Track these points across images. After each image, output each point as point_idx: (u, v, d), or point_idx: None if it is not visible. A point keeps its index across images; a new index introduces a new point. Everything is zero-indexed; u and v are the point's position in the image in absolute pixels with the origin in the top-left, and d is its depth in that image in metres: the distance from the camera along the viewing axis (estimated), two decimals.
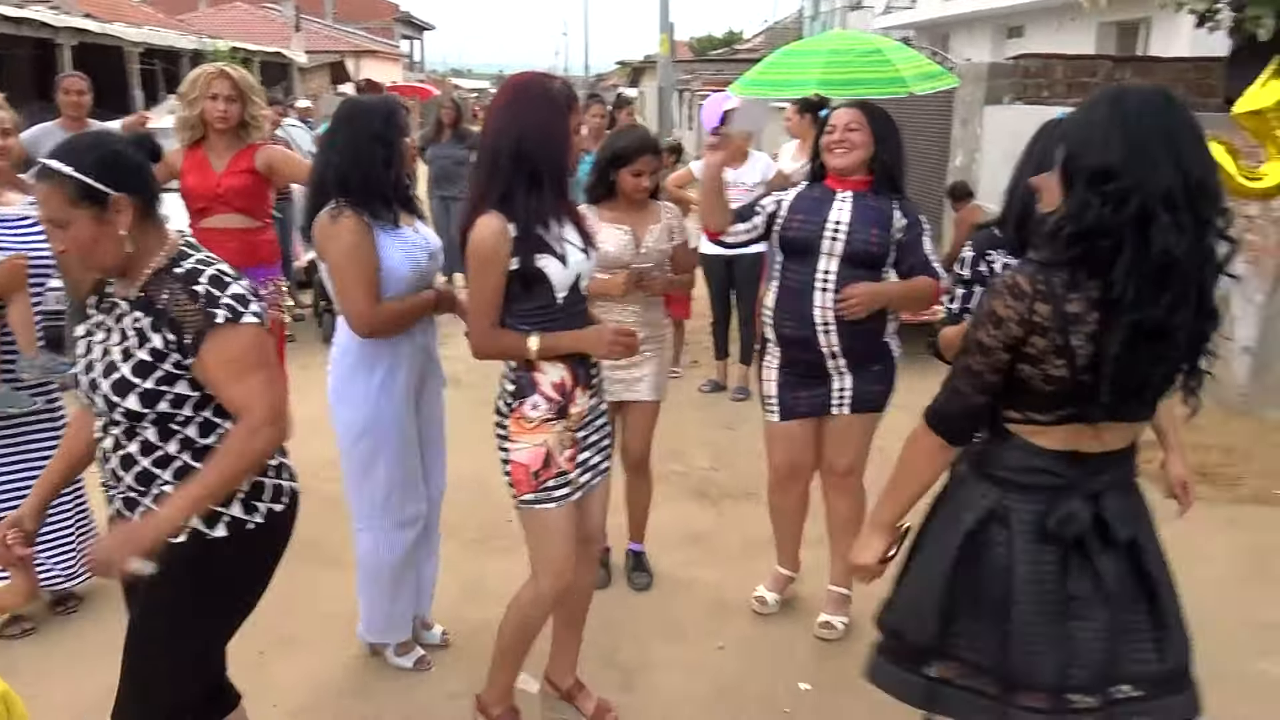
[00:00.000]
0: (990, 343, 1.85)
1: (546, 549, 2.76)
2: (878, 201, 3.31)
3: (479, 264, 2.58)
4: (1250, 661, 3.41)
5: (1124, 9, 14.03)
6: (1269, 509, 4.70)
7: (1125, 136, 1.75)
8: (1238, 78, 6.20)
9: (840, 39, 8.99)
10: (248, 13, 33.80)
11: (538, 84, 2.64)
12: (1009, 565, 1.91)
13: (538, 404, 2.67)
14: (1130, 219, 1.73)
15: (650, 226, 3.62)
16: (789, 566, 3.80)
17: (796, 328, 3.31)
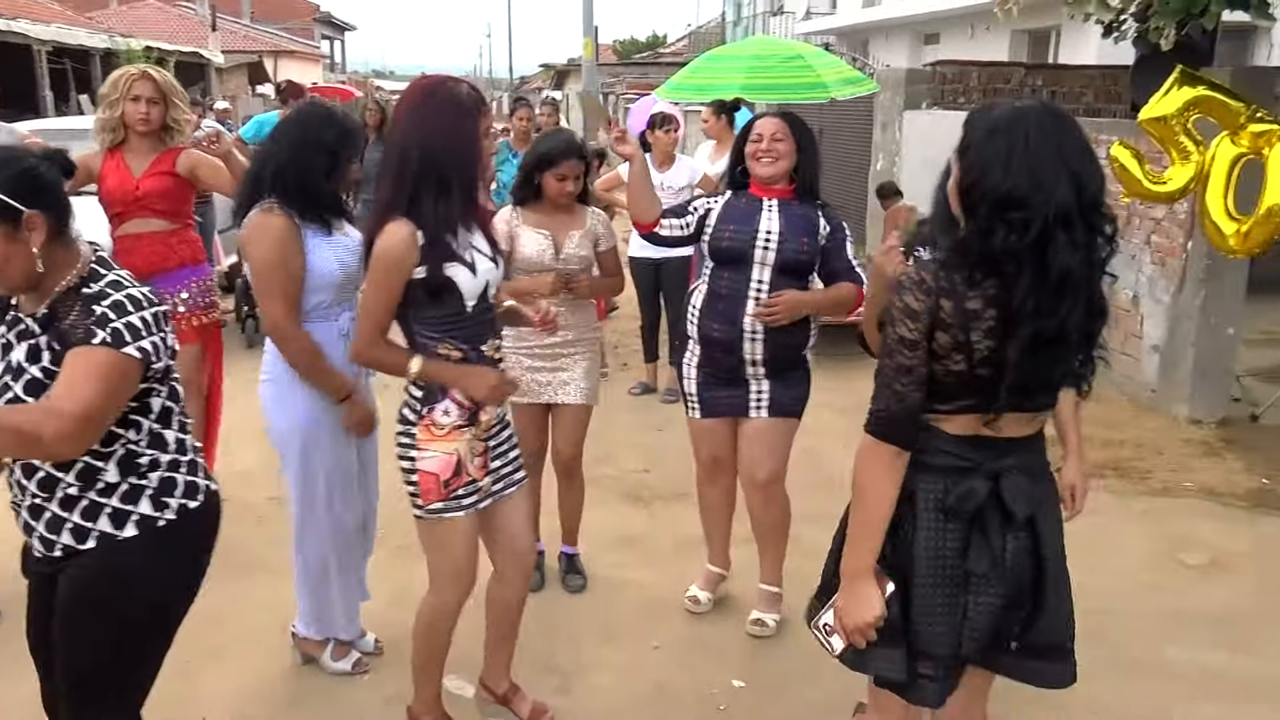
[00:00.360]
0: (915, 336, 1.91)
1: (449, 558, 2.73)
2: (803, 209, 3.38)
3: (382, 270, 2.53)
4: (1160, 649, 3.56)
5: (1035, 18, 14.44)
6: (1177, 500, 4.89)
7: (1024, 164, 1.83)
8: (1142, 85, 6.45)
9: (762, 45, 9.12)
10: (160, 11, 32.98)
11: (445, 88, 2.60)
12: (911, 540, 2.01)
13: (449, 410, 2.62)
14: (1031, 243, 1.82)
15: (572, 232, 3.62)
16: (720, 565, 3.85)
17: (724, 332, 3.35)
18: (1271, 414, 5.83)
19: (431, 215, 2.51)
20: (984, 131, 1.91)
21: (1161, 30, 6.03)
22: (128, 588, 2.09)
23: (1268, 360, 6.86)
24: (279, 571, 4.02)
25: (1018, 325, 1.85)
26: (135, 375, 1.98)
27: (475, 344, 2.65)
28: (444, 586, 2.76)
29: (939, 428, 2.00)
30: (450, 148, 2.52)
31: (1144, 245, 6.15)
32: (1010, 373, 1.87)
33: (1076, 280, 1.85)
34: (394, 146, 2.59)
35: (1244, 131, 4.71)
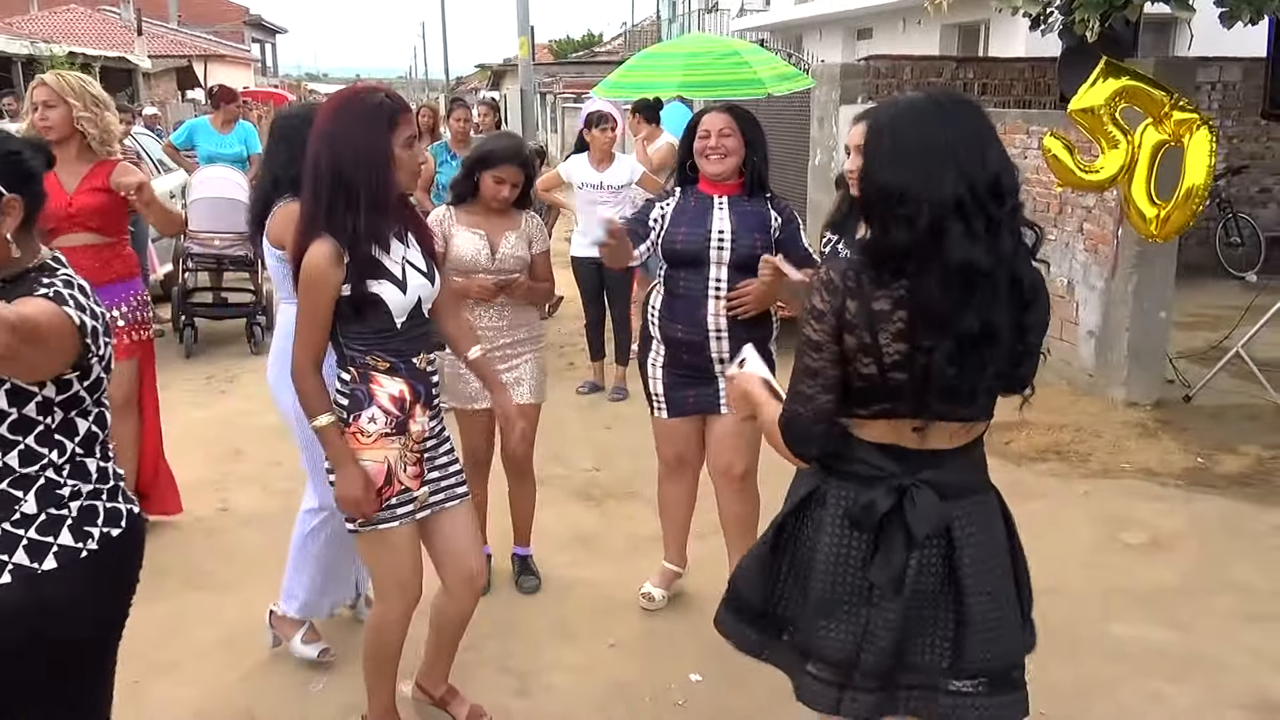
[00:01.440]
0: (820, 337, 1.88)
1: (390, 569, 2.69)
2: (753, 204, 3.39)
3: (306, 289, 2.50)
4: (1105, 626, 3.65)
5: (965, 12, 14.67)
6: (1116, 481, 5.01)
7: (906, 157, 1.80)
8: (1069, 77, 6.59)
9: (698, 42, 9.19)
10: (84, 15, 32.20)
11: (356, 99, 2.54)
12: (814, 543, 2.00)
13: (375, 417, 2.56)
14: (924, 236, 1.77)
15: (508, 233, 3.61)
16: (676, 562, 3.86)
17: (689, 333, 3.36)
18: (1204, 395, 6.00)
19: (348, 230, 2.45)
20: (873, 128, 1.90)
21: (1086, 23, 6.16)
22: (50, 626, 1.96)
23: (1199, 341, 7.05)
24: (229, 584, 3.98)
25: (936, 328, 1.79)
26: (70, 342, 1.85)
27: (405, 357, 2.61)
28: (390, 597, 2.73)
29: (856, 434, 1.96)
30: (358, 160, 2.45)
31: (1077, 233, 6.29)
32: (937, 377, 1.81)
33: (982, 271, 1.78)
34: (308, 162, 2.53)
35: (1167, 120, 4.85)
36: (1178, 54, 11.72)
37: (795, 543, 2.07)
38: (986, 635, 1.95)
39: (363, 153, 2.46)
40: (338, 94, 2.65)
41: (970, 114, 1.86)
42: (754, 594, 2.14)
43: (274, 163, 3.27)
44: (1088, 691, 3.28)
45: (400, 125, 2.49)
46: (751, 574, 2.15)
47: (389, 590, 2.73)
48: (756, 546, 2.18)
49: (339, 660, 3.43)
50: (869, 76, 10.34)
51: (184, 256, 7.59)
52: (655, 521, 4.51)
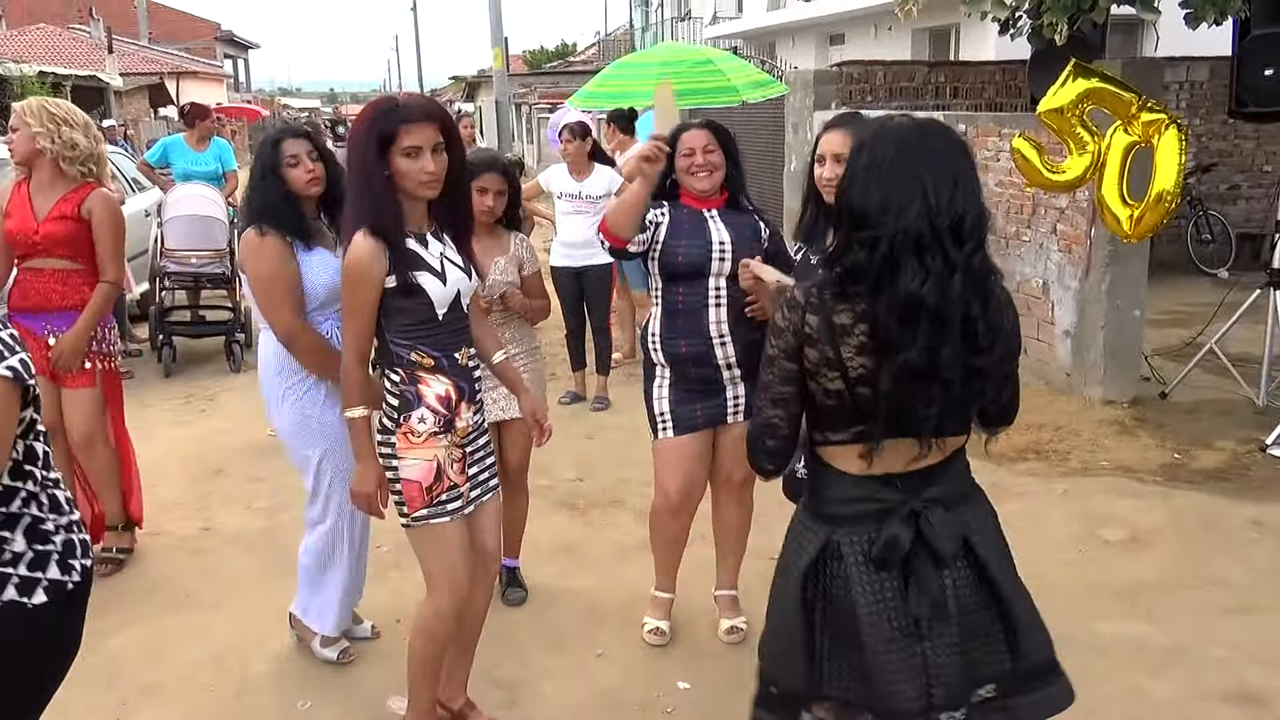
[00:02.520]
0: (774, 353, 1.89)
1: (443, 564, 2.76)
2: (742, 217, 3.44)
3: (351, 283, 2.62)
4: (1086, 622, 3.68)
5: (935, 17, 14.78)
6: (1096, 479, 5.06)
7: (878, 182, 1.80)
8: (1039, 79, 6.67)
9: (672, 51, 9.24)
10: (54, 34, 31.92)
11: (368, 109, 2.68)
12: (849, 599, 1.89)
13: (425, 417, 2.68)
14: (880, 262, 1.78)
15: (496, 258, 3.63)
16: (668, 589, 3.76)
17: (692, 345, 3.35)
18: (1180, 391, 6.07)
19: (389, 225, 2.59)
20: (855, 145, 1.91)
21: (1054, 25, 6.23)
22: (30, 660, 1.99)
23: (1173, 339, 7.13)
24: (214, 605, 3.96)
25: (886, 354, 1.80)
26: (15, 397, 1.86)
27: (448, 351, 2.71)
28: (441, 592, 2.78)
29: (847, 471, 1.92)
30: (359, 166, 2.61)
31: (1050, 234, 6.36)
32: (883, 399, 1.81)
33: (927, 308, 1.77)
34: (350, 164, 2.70)
35: (1136, 121, 4.91)
36: (1145, 55, 11.87)
37: (826, 611, 1.94)
38: (1033, 626, 1.99)
39: (357, 161, 2.62)
40: (372, 102, 2.79)
41: (952, 150, 1.85)
42: (798, 681, 1.98)
43: (250, 183, 3.42)
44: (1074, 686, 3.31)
45: (400, 136, 2.57)
46: (788, 660, 1.98)
47: (441, 583, 2.78)
48: (780, 629, 2.01)
49: (323, 681, 3.42)
50: (842, 82, 10.41)
51: (161, 275, 7.55)
52: (640, 530, 4.51)
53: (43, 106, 3.98)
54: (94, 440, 4.15)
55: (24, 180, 4.05)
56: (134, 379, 7.28)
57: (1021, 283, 6.61)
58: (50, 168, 3.98)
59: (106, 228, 4.04)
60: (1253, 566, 4.11)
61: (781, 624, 2.00)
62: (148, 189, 9.22)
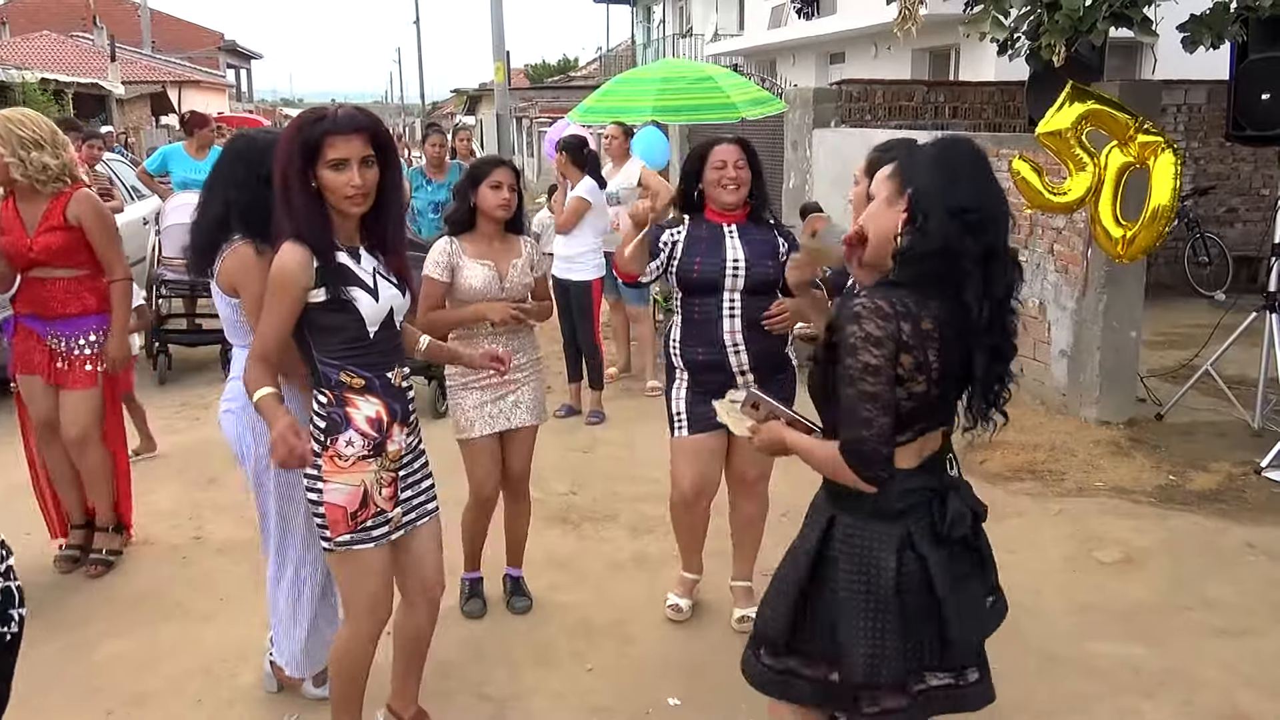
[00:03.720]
0: (879, 362, 1.96)
1: (363, 589, 2.69)
2: (760, 232, 3.53)
3: (275, 289, 2.51)
4: (1080, 643, 3.67)
5: (935, 38, 14.88)
6: (1089, 499, 5.05)
7: (973, 179, 2.01)
8: (1037, 100, 6.68)
9: (671, 67, 9.26)
10: (58, 42, 32.00)
11: (297, 119, 2.60)
12: (927, 576, 2.05)
13: (353, 440, 2.58)
14: (981, 249, 1.97)
15: (514, 261, 3.66)
16: (694, 571, 3.88)
17: (708, 353, 3.49)
18: (1175, 412, 6.07)
19: (316, 238, 2.50)
20: (928, 161, 2.05)
21: (1053, 47, 6.25)
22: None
23: (1169, 360, 7.13)
24: (204, 615, 3.94)
25: (976, 338, 1.99)
26: None
27: (379, 371, 2.62)
28: (359, 618, 2.73)
29: (902, 467, 2.07)
30: (282, 177, 2.51)
31: (1047, 254, 6.36)
32: (977, 384, 2.05)
33: (1007, 298, 2.05)
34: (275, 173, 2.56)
35: (1132, 143, 4.92)
36: (1144, 77, 11.91)
37: (911, 603, 2.06)
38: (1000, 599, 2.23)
39: (281, 172, 2.51)
40: (301, 114, 2.69)
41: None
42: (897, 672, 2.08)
43: (226, 184, 3.02)
44: (1063, 708, 3.30)
45: (325, 148, 2.49)
46: (886, 657, 2.07)
47: (359, 610, 2.72)
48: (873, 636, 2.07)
49: None
50: (842, 100, 10.43)
51: (157, 283, 7.54)
52: (632, 544, 4.53)
53: (10, 131, 3.86)
54: (88, 440, 4.18)
55: (10, 195, 4.03)
56: None
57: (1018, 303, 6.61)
58: (27, 187, 3.95)
59: (98, 229, 4.05)
60: (1247, 589, 4.09)
61: (876, 631, 2.07)
62: (147, 197, 9.22)
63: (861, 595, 2.08)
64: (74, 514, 4.41)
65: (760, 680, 2.28)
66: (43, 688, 3.42)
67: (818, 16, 20.59)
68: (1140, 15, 5.98)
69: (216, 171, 3.12)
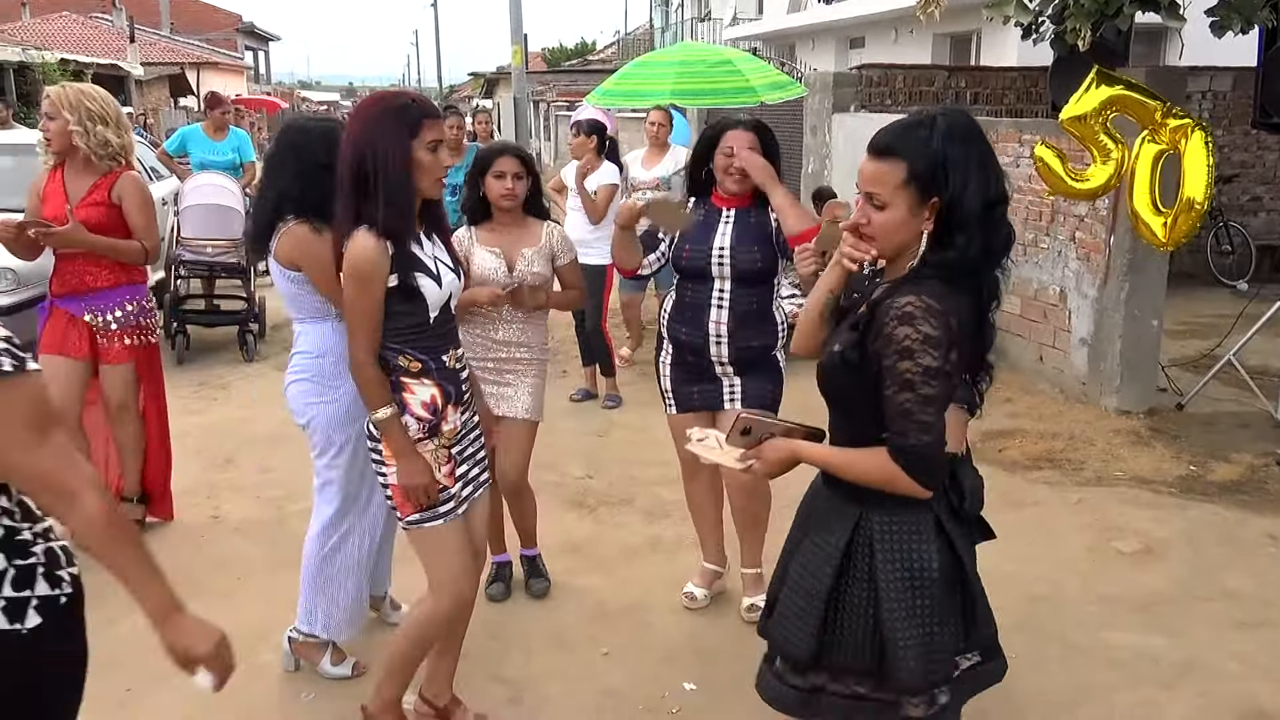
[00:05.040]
0: (939, 364, 1.86)
1: (443, 565, 2.76)
2: (759, 216, 3.45)
3: (360, 281, 2.56)
4: (1098, 633, 3.64)
5: (956, 22, 14.72)
6: (1109, 489, 5.02)
7: (996, 165, 1.95)
8: (1060, 85, 6.61)
9: (690, 50, 9.19)
10: (77, 23, 32.13)
11: (381, 102, 2.62)
12: (954, 553, 2.04)
13: (409, 424, 2.67)
14: (1005, 239, 1.97)
15: (524, 249, 3.59)
16: (716, 561, 3.85)
17: (691, 336, 3.48)
18: (1196, 403, 6.02)
19: (386, 225, 2.53)
20: (959, 146, 1.90)
21: (1078, 31, 6.18)
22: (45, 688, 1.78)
23: (1191, 350, 7.07)
24: (222, 594, 3.95)
25: (985, 321, 2.00)
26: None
27: (436, 354, 2.70)
28: (443, 594, 2.78)
29: None
30: (382, 158, 2.52)
31: (1069, 242, 6.31)
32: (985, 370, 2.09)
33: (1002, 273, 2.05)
34: (339, 162, 2.61)
35: (1162, 128, 4.87)
36: (1169, 63, 11.78)
37: (947, 578, 2.02)
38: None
39: (381, 153, 2.52)
40: (367, 98, 2.74)
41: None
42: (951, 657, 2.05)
43: (279, 174, 3.17)
44: (1081, 699, 3.28)
45: (423, 130, 2.55)
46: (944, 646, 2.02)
47: (441, 586, 2.77)
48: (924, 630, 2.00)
49: None
50: (862, 85, 10.36)
51: (176, 264, 7.57)
52: (648, 529, 4.52)
53: (80, 101, 4.01)
54: (124, 410, 4.30)
55: (59, 167, 4.14)
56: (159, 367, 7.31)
57: (1038, 290, 6.56)
58: (83, 159, 4.08)
59: (138, 210, 4.17)
60: (1267, 580, 4.06)
61: (929, 621, 2.00)
62: (166, 177, 9.25)
63: (907, 590, 1.99)
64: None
65: (784, 701, 2.16)
66: None
67: (838, 0, 20.43)
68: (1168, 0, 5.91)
69: (270, 163, 3.27)
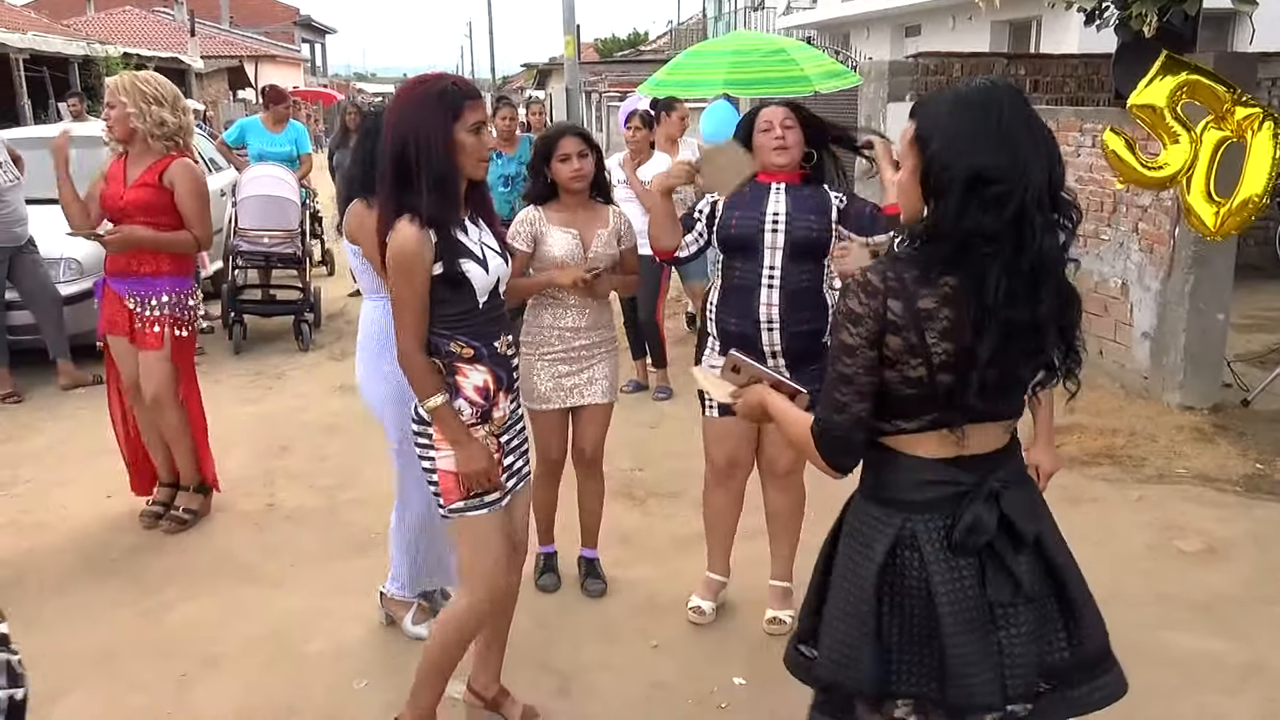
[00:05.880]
0: (854, 341, 1.79)
1: (480, 557, 2.72)
2: (812, 191, 3.35)
3: (405, 269, 2.53)
4: (1155, 632, 3.55)
5: (1016, 8, 14.47)
6: (1171, 486, 4.89)
7: (1000, 138, 1.72)
8: (1124, 73, 6.46)
9: (744, 39, 9.11)
10: (139, 17, 32.76)
11: (421, 86, 2.58)
12: (928, 588, 1.82)
13: (462, 408, 2.64)
14: (1009, 221, 1.71)
15: (598, 230, 3.60)
16: (720, 572, 3.77)
17: (740, 325, 3.31)
18: (1263, 399, 5.84)
19: (431, 211, 2.50)
20: (951, 108, 1.79)
21: (1144, 17, 6.03)
22: None
23: (1257, 344, 6.88)
24: (276, 582, 4.01)
25: (989, 317, 1.72)
26: None
27: (488, 340, 2.67)
28: (476, 586, 2.74)
29: (914, 454, 1.86)
30: (420, 145, 2.49)
31: (1131, 233, 6.16)
32: (980, 372, 1.75)
33: (1052, 264, 1.76)
34: (384, 146, 2.58)
35: (1230, 116, 4.72)
36: (1237, 49, 11.45)
37: (899, 604, 1.85)
38: (1092, 613, 1.93)
39: (423, 138, 2.48)
40: (406, 83, 2.71)
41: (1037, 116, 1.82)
42: (866, 682, 1.87)
43: (355, 158, 3.37)
44: (1141, 702, 3.16)
45: (465, 112, 2.52)
46: (856, 660, 1.87)
47: (476, 577, 2.73)
48: (846, 627, 1.89)
49: (380, 663, 3.44)
50: (917, 74, 10.19)
51: (233, 254, 7.68)
52: (698, 521, 4.47)
53: (135, 84, 4.16)
54: (161, 400, 4.33)
55: (125, 154, 4.28)
56: (205, 355, 7.43)
57: (1099, 282, 6.41)
58: (141, 142, 4.20)
59: (189, 195, 4.25)
60: None
61: (849, 624, 1.90)
62: (224, 169, 9.39)
63: (847, 580, 1.90)
64: (162, 472, 4.58)
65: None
66: (120, 648, 3.51)
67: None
68: None
69: (352, 150, 3.54)
